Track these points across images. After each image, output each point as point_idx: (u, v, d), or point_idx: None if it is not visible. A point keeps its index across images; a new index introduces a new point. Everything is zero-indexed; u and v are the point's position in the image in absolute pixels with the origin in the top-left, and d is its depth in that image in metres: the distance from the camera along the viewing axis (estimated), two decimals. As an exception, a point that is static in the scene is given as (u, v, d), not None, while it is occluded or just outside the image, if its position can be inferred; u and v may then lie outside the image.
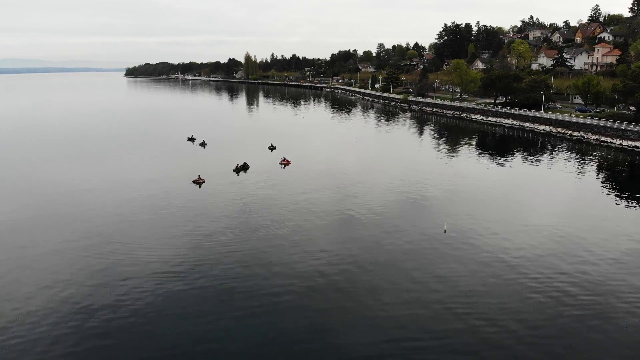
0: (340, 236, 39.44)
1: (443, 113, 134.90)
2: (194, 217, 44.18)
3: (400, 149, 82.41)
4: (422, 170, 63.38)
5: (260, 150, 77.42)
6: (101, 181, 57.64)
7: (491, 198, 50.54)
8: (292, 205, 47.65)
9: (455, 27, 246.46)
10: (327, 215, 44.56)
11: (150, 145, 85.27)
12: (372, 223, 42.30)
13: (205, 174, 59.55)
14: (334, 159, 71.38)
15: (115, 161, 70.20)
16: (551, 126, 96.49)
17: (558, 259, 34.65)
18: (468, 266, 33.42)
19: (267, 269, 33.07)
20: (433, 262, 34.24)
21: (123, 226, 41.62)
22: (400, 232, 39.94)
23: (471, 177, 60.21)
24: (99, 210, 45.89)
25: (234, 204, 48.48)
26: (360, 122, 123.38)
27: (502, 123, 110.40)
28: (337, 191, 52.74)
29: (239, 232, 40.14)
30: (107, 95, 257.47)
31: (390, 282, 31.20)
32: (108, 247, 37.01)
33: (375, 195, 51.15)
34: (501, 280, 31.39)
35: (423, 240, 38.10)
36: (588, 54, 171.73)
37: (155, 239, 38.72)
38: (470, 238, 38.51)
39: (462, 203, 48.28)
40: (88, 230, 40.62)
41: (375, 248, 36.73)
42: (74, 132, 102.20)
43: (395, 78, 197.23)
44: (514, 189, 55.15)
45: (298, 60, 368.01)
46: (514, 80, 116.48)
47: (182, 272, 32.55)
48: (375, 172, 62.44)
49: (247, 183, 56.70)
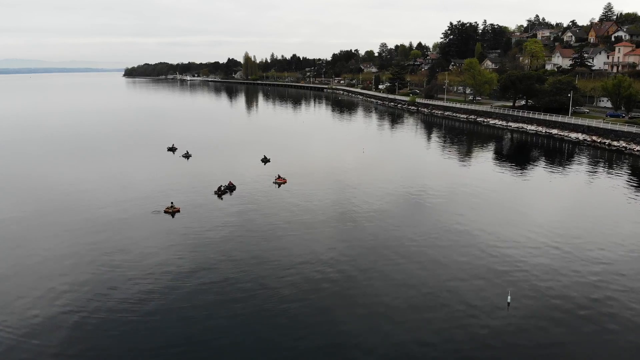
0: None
1: (456, 117, 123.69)
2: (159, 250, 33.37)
3: (417, 162, 70.83)
4: (447, 190, 52.19)
5: (251, 164, 66.25)
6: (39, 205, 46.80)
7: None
8: (287, 244, 36.66)
9: (462, 26, 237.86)
10: (336, 263, 33.57)
11: (123, 156, 74.08)
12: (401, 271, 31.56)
13: (182, 196, 48.64)
14: (340, 176, 59.95)
15: (69, 177, 59.25)
16: (584, 134, 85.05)
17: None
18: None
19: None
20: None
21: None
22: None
23: (503, 190, 49.98)
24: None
25: (207, 241, 37.50)
26: (365, 128, 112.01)
27: (526, 129, 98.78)
28: (344, 222, 41.71)
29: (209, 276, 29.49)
30: (97, 97, 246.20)
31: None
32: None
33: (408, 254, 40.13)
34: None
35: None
36: (607, 53, 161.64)
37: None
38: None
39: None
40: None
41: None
42: (41, 139, 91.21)
43: (401, 79, 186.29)
44: (548, 205, 45.22)
45: (298, 60, 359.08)
46: (536, 82, 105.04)
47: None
48: (392, 195, 51.09)
49: (230, 210, 45.43)
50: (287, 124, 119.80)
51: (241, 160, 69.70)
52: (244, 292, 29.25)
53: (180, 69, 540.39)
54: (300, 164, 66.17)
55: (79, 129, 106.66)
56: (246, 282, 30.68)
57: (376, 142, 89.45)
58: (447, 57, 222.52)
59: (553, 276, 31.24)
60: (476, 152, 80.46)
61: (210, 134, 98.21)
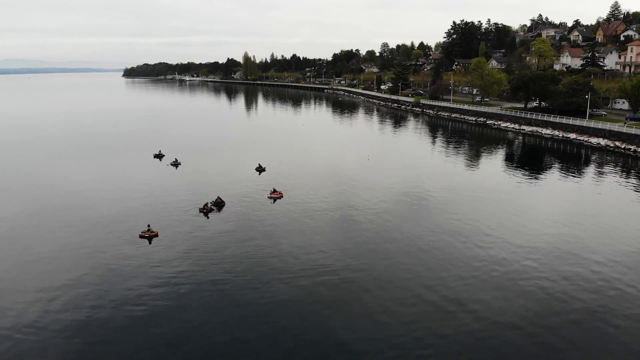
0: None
1: (464, 119, 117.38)
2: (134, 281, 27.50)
3: (428, 169, 64.26)
4: (468, 197, 46.03)
5: (245, 174, 59.99)
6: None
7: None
8: (282, 275, 30.55)
9: (465, 25, 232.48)
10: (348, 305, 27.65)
11: (103, 164, 67.86)
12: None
13: (163, 215, 42.57)
14: (343, 187, 53.81)
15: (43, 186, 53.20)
16: (605, 139, 78.75)
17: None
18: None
19: None
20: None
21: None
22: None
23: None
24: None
25: (187, 270, 31.40)
26: (368, 131, 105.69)
27: (541, 133, 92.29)
28: (350, 242, 35.62)
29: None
30: (91, 98, 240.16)
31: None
32: None
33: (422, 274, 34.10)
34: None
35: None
36: (619, 53, 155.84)
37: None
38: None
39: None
40: None
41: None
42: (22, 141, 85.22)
43: (404, 79, 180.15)
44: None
45: (298, 60, 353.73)
46: (551, 82, 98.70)
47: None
48: (405, 213, 44.98)
49: (216, 233, 39.22)
50: (285, 127, 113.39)
51: (234, 169, 63.49)
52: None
53: (179, 69, 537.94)
54: (298, 174, 59.90)
55: (62, 132, 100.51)
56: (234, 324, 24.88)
57: (381, 148, 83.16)
58: (450, 56, 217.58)
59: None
60: (489, 157, 74.21)
61: (205, 137, 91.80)
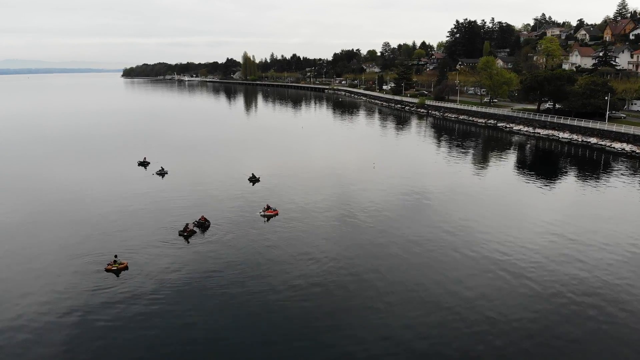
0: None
1: (472, 121, 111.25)
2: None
3: (441, 178, 58.21)
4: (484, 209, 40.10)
5: (237, 185, 53.94)
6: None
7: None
8: (267, 315, 24.76)
9: (468, 24, 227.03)
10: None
11: (80, 173, 61.96)
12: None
13: (136, 240, 36.63)
14: (347, 201, 47.69)
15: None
16: (630, 144, 72.58)
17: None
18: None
19: None
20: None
21: None
22: None
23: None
24: None
25: (156, 310, 25.62)
26: (372, 134, 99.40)
27: (557, 137, 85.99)
28: (355, 279, 29.76)
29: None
30: (90, 98, 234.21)
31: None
32: None
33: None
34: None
35: None
36: (631, 52, 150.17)
37: None
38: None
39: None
40: None
41: None
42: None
43: (407, 79, 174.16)
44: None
45: (299, 60, 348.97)
46: (567, 83, 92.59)
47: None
48: (419, 236, 39.09)
49: (196, 259, 33.20)
50: (284, 129, 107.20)
51: (225, 178, 57.46)
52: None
53: (178, 69, 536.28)
54: (296, 185, 53.83)
55: (47, 132, 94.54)
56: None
57: (386, 153, 76.83)
58: (454, 56, 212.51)
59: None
60: (502, 162, 68.12)
61: (199, 139, 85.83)
